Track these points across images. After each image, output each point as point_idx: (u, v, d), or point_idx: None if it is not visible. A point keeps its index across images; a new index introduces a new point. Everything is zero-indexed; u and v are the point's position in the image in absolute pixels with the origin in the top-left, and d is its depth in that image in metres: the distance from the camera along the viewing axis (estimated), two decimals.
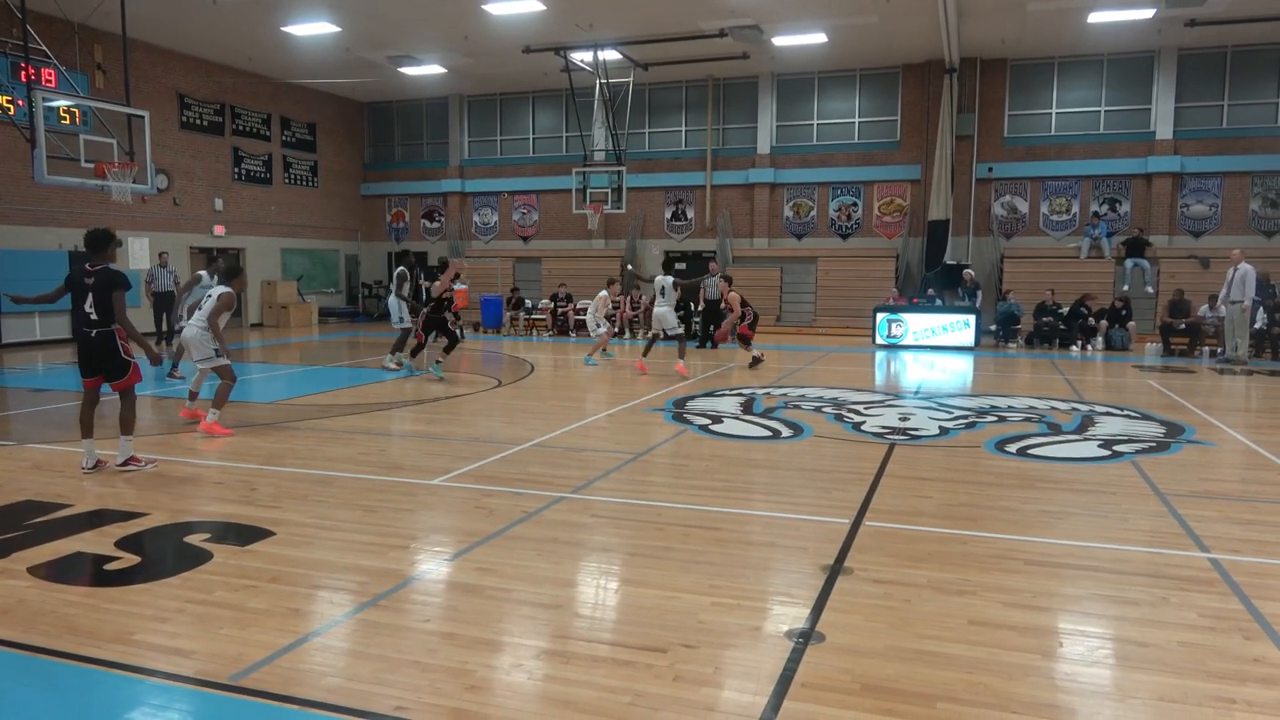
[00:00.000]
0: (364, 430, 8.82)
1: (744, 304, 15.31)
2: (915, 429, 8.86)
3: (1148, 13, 17.80)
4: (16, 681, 3.50)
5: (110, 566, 4.76)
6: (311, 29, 19.30)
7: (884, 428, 8.89)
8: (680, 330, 14.20)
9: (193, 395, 9.47)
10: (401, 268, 14.53)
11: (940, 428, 8.93)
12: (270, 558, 4.88)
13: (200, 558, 4.87)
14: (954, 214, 21.69)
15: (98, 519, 5.63)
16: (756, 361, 14.44)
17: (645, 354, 14.26)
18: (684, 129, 24.90)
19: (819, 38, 19.82)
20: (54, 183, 13.54)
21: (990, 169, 22.00)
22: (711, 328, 17.80)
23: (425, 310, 13.01)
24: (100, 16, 16.54)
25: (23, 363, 15.24)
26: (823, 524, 5.56)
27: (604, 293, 15.77)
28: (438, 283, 12.79)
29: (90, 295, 6.76)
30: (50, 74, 15.16)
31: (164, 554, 5.04)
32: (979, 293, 19.65)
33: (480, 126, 27.08)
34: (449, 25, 19.18)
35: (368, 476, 6.80)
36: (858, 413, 9.79)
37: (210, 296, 8.91)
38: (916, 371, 14.63)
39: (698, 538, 5.26)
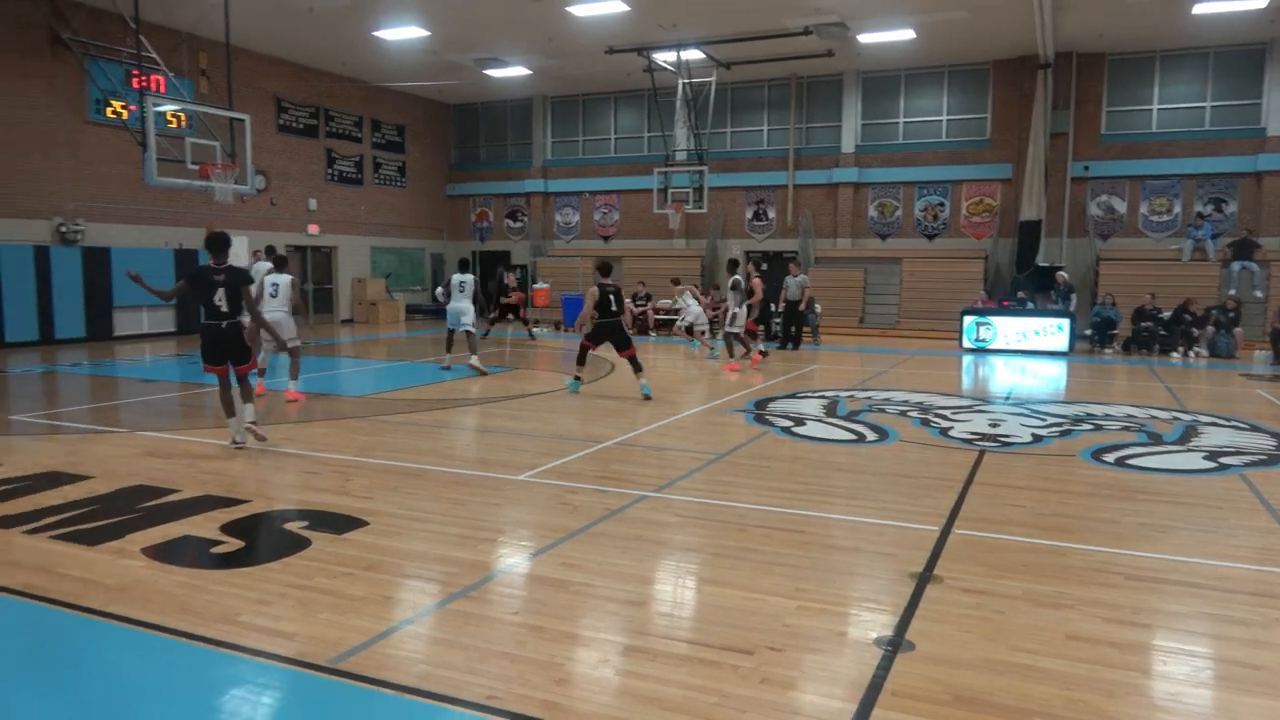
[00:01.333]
0: (450, 425, 9.02)
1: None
2: (1006, 436, 8.62)
3: (1259, 3, 16.93)
4: (133, 656, 3.70)
5: (216, 550, 4.99)
6: (401, 33, 19.82)
7: (973, 434, 8.68)
8: (736, 330, 14.30)
9: (261, 372, 10.60)
10: (469, 275, 14.18)
11: (1033, 435, 8.67)
12: (365, 546, 5.04)
13: (299, 544, 5.06)
14: (1047, 214, 21.02)
15: (204, 504, 5.90)
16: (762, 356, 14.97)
17: (732, 354, 14.43)
18: (766, 128, 24.73)
19: (906, 34, 19.45)
20: (163, 184, 14.24)
21: (1086, 168, 21.24)
22: (793, 329, 17.67)
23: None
24: (205, 25, 17.30)
25: (132, 354, 16.04)
26: (910, 530, 5.47)
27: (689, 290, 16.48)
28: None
29: (221, 290, 7.48)
30: (160, 80, 15.94)
31: (266, 540, 5.25)
32: (1073, 296, 18.98)
33: (563, 127, 27.39)
34: (534, 27, 19.46)
35: (456, 470, 6.96)
36: (945, 418, 9.57)
37: (279, 284, 10.34)
38: (1007, 376, 14.23)
39: (780, 540, 5.23)
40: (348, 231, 25.08)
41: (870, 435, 8.57)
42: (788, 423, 9.22)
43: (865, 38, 19.80)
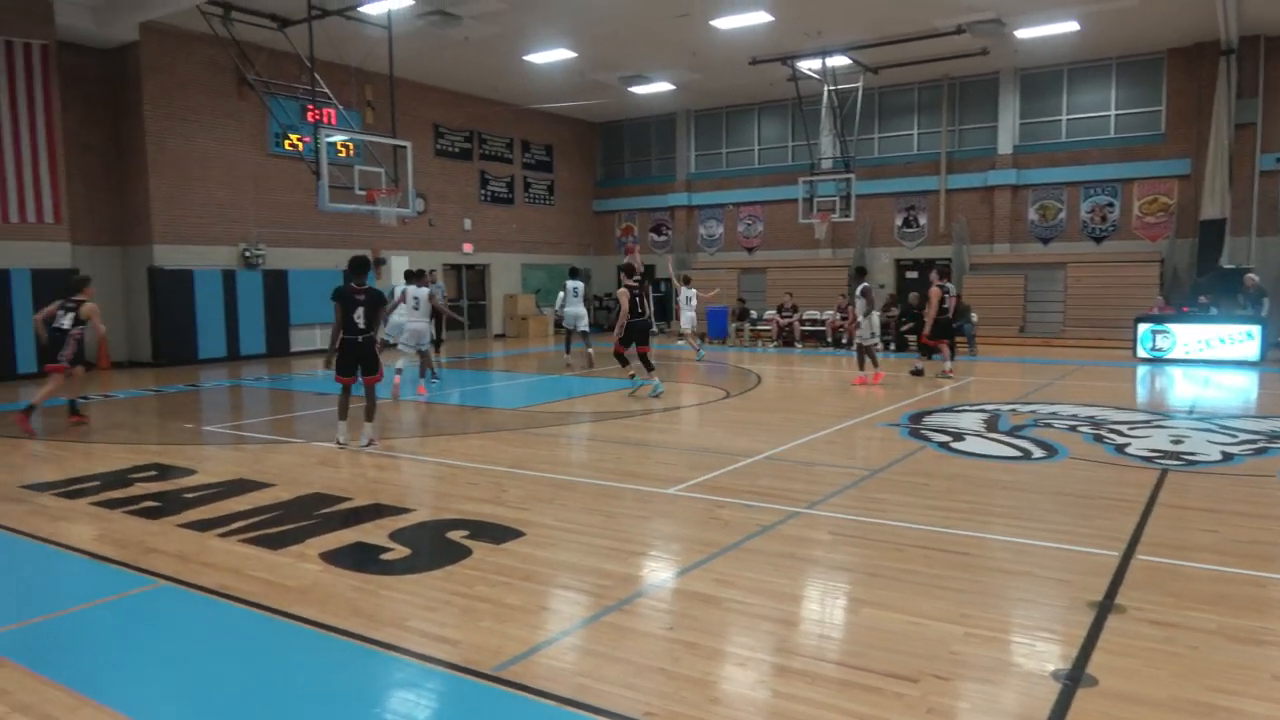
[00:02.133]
0: (600, 438, 9.16)
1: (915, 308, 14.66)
2: (1191, 453, 7.95)
3: None
4: (314, 655, 3.93)
5: (386, 556, 5.25)
6: (550, 56, 20.42)
7: (1153, 451, 8.05)
8: (873, 342, 13.67)
9: (399, 372, 12.15)
10: (579, 280, 15.76)
11: (1222, 453, 7.95)
12: (522, 556, 5.18)
13: (461, 553, 5.25)
14: (1232, 211, 19.33)
15: (374, 512, 6.23)
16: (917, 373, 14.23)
17: (861, 367, 13.57)
18: (916, 132, 23.96)
19: (1069, 26, 18.39)
20: (334, 209, 15.20)
21: (1279, 159, 19.40)
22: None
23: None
24: (372, 60, 18.40)
25: (307, 369, 17.19)
26: (1086, 555, 5.11)
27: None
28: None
29: (361, 309, 8.30)
30: (331, 113, 17.07)
31: (430, 548, 5.47)
32: (1265, 300, 17.33)
33: (706, 140, 27.48)
34: (678, 43, 19.63)
35: (606, 483, 7.06)
36: (1120, 433, 8.93)
37: (419, 297, 11.99)
38: (1188, 389, 13.16)
39: (942, 562, 5.00)
40: (499, 249, 26.02)
41: (1037, 452, 8.10)
42: (945, 438, 8.84)
43: (1023, 33, 18.86)
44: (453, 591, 4.60)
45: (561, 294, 16.34)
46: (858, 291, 13.46)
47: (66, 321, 10.28)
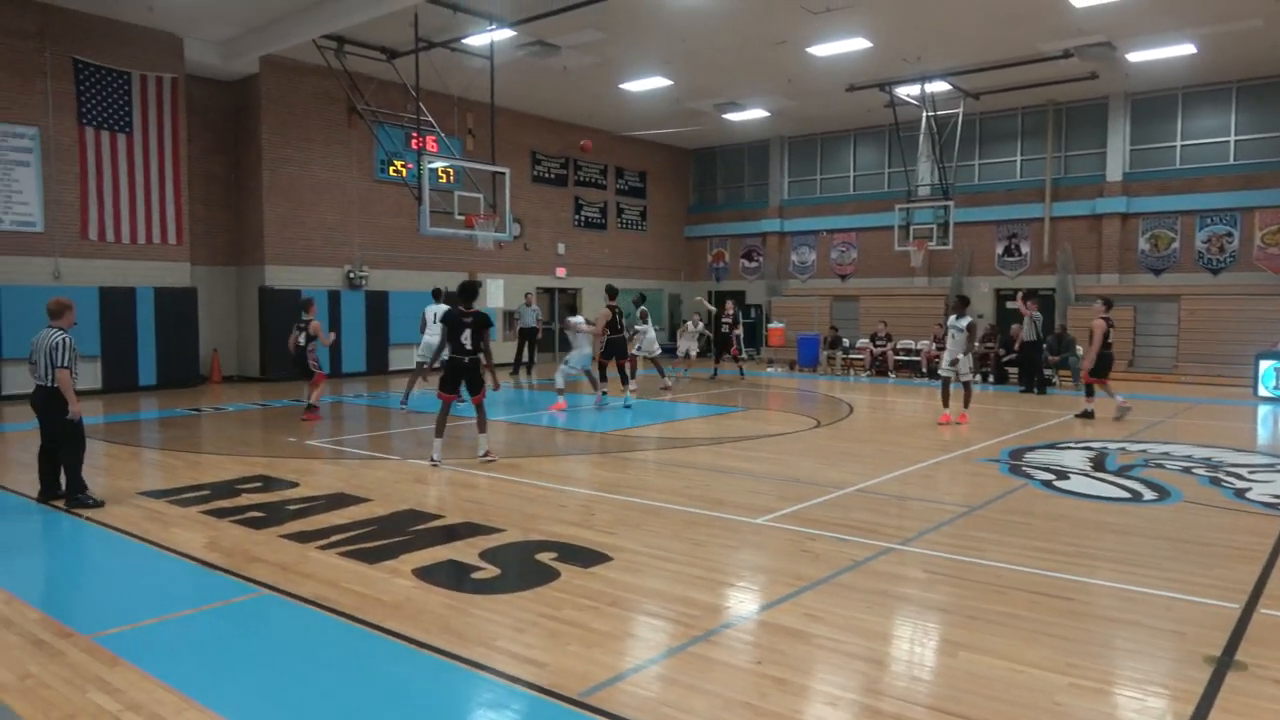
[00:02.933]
0: (687, 464, 9.13)
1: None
2: None
3: None
4: (405, 669, 4.00)
5: (476, 575, 5.32)
6: (646, 84, 20.68)
7: (1276, 497, 7.55)
8: (967, 376, 12.61)
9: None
10: (644, 307, 17.14)
11: None
12: (609, 581, 5.18)
13: (549, 575, 5.29)
14: None
15: (465, 531, 6.34)
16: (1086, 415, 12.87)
17: (946, 403, 12.44)
18: (1019, 158, 23.29)
19: (1185, 49, 17.64)
20: (434, 233, 15.68)
21: None
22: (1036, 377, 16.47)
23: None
24: (474, 89, 18.98)
25: (404, 388, 17.64)
26: (1202, 606, 4.81)
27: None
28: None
29: (469, 331, 8.74)
30: (433, 140, 17.67)
31: (519, 568, 5.53)
32: None
33: (800, 166, 27.31)
34: (773, 70, 19.62)
35: (694, 510, 7.01)
36: (1240, 477, 8.41)
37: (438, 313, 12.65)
38: None
39: (1046, 607, 4.78)
40: (591, 274, 26.34)
41: (1148, 494, 7.69)
42: (1049, 475, 8.48)
43: (1135, 56, 18.18)
44: (540, 613, 4.63)
45: (639, 325, 17.22)
46: (963, 325, 12.31)
47: (302, 339, 12.74)
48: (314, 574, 5.33)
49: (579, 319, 14.64)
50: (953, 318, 12.60)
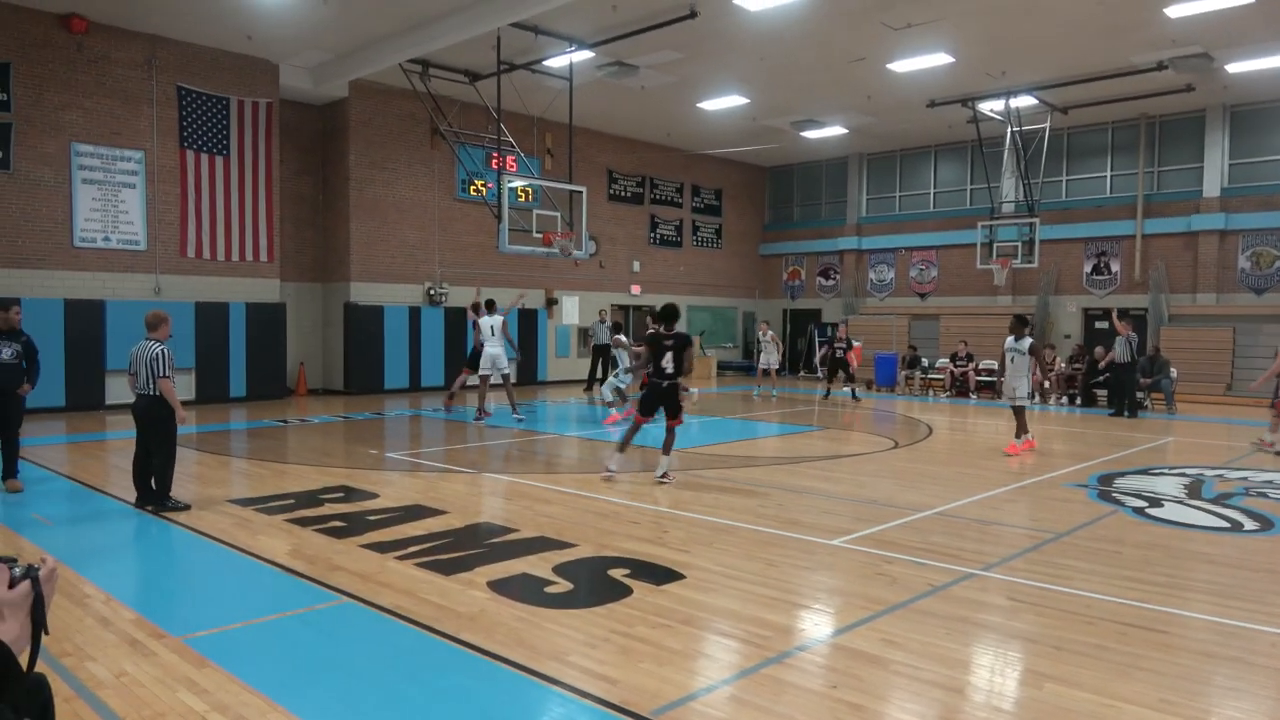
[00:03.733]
0: (762, 483, 9.04)
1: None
2: None
3: None
4: (480, 680, 4.04)
5: (549, 589, 5.35)
6: (723, 103, 20.71)
7: None
8: (1024, 401, 11.61)
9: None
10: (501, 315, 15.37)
11: None
12: (682, 599, 5.15)
13: (621, 591, 5.29)
14: None
15: (539, 545, 6.39)
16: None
17: (1019, 433, 11.50)
18: (1109, 174, 22.52)
19: None
20: (512, 251, 15.94)
21: None
22: (1127, 400, 15.79)
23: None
24: (553, 110, 19.34)
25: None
26: None
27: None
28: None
29: (669, 354, 8.87)
30: (513, 160, 18.02)
31: (592, 584, 5.54)
32: None
33: (879, 183, 26.95)
34: (852, 87, 19.43)
35: (767, 530, 6.94)
36: None
37: (494, 325, 13.23)
38: None
39: (1137, 639, 4.57)
40: (666, 291, 26.38)
41: (1249, 524, 7.30)
42: (1141, 503, 8.13)
43: (1235, 67, 17.43)
44: (612, 630, 4.63)
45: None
46: (1024, 347, 11.51)
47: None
48: (392, 583, 5.44)
49: (621, 337, 15.71)
50: (1011, 339, 11.75)
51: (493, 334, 14.33)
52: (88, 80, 15.34)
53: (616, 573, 5.69)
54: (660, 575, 5.63)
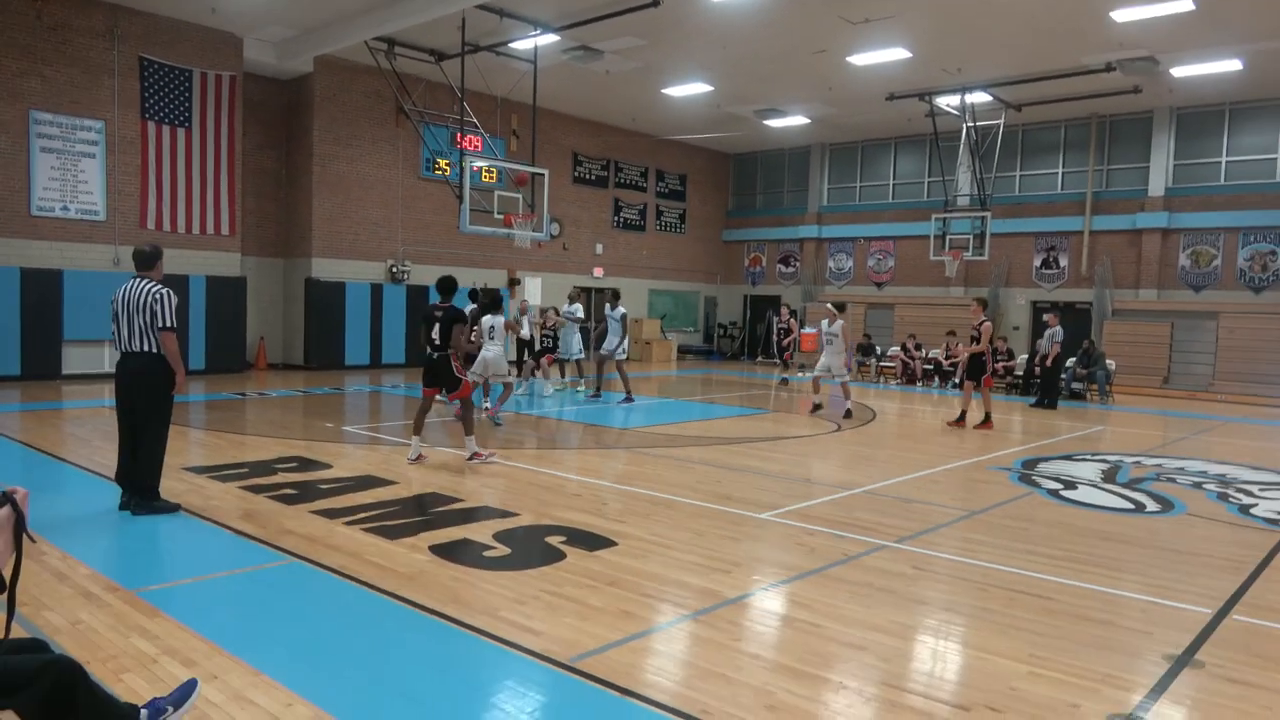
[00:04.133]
0: (703, 461, 9.43)
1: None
2: None
3: None
4: (413, 632, 4.37)
5: (487, 554, 5.69)
6: (688, 89, 20.99)
7: (1279, 513, 7.65)
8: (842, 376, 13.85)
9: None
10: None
11: None
12: (611, 564, 5.51)
13: (555, 556, 5.64)
14: None
15: (482, 514, 6.72)
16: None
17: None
18: (1060, 171, 23.18)
19: (1232, 65, 17.49)
20: (473, 231, 16.16)
21: None
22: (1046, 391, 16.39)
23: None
24: (518, 91, 19.49)
25: None
26: (1177, 610, 5.01)
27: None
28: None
29: (438, 326, 8.88)
30: (477, 141, 18.17)
31: (528, 549, 5.89)
32: None
33: (840, 173, 27.42)
34: (814, 78, 19.81)
35: (702, 504, 7.32)
36: (1249, 493, 8.49)
37: (495, 325, 11.27)
38: None
39: (1024, 604, 5.01)
40: (628, 274, 26.72)
41: (1151, 505, 7.83)
42: (1056, 485, 8.64)
43: (1180, 71, 18.06)
44: (542, 589, 4.98)
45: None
46: (837, 330, 13.57)
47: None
48: (339, 546, 5.74)
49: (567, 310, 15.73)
50: (825, 323, 13.86)
51: (491, 335, 11.77)
52: (47, 48, 15.26)
53: (553, 539, 6.04)
54: (594, 542, 5.99)
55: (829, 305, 14.36)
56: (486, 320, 11.38)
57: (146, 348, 6.22)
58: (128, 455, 6.45)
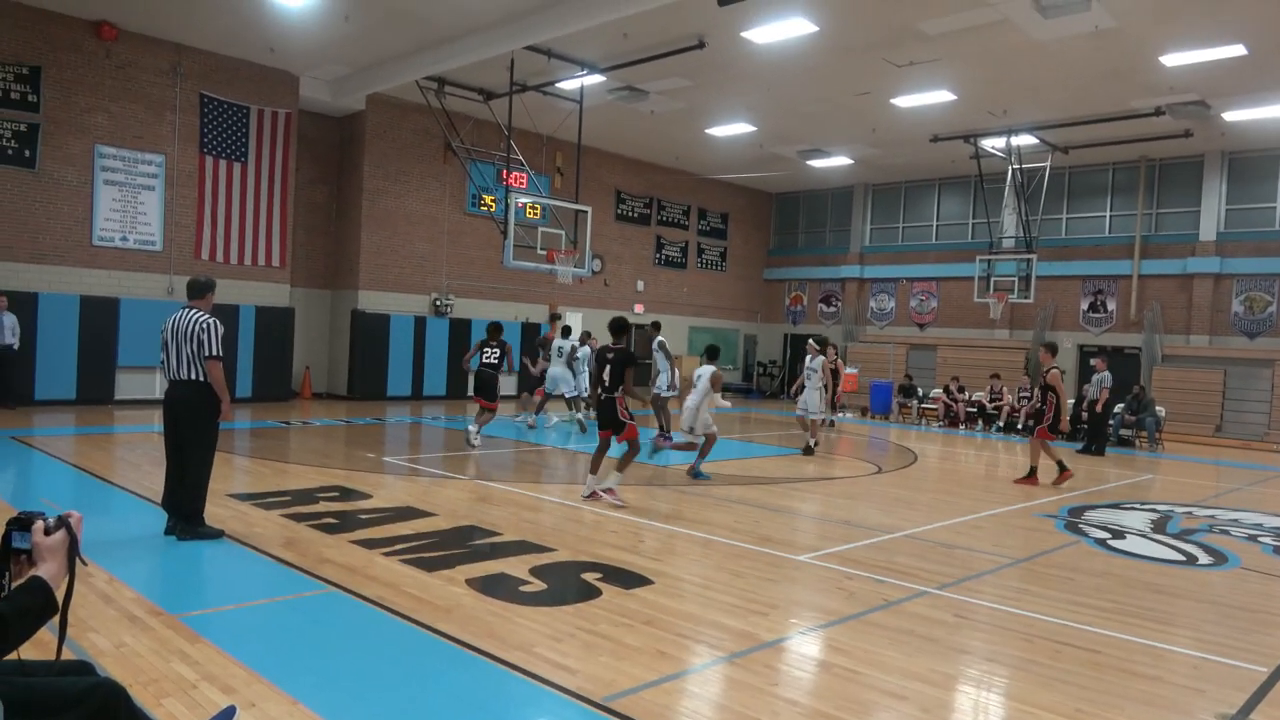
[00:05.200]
0: (743, 500, 9.36)
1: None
2: None
3: None
4: (449, 666, 4.38)
5: (524, 589, 5.69)
6: (731, 130, 21.17)
7: None
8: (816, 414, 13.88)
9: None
10: (573, 341, 15.43)
11: None
12: (647, 603, 5.48)
13: (592, 593, 5.62)
14: None
15: (519, 548, 6.73)
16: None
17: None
18: (1108, 214, 22.89)
19: None
20: (517, 267, 16.36)
21: None
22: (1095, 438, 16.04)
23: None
24: (564, 129, 19.82)
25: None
26: (1230, 667, 4.84)
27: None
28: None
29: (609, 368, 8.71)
30: (523, 177, 18.44)
31: (564, 585, 5.88)
32: None
33: (883, 213, 27.35)
34: (858, 119, 19.87)
35: (741, 544, 7.26)
36: None
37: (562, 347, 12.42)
38: None
39: (1070, 657, 4.88)
40: (669, 311, 26.78)
41: (1204, 558, 7.60)
42: (1104, 535, 8.43)
43: (1232, 115, 17.81)
44: (578, 626, 4.96)
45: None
46: (816, 365, 13.76)
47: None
48: (377, 577, 5.78)
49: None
50: (807, 358, 13.98)
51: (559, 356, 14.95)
52: (114, 85, 15.88)
53: (589, 576, 6.03)
54: (630, 580, 5.96)
55: (811, 341, 14.53)
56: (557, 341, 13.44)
57: (194, 375, 6.36)
58: (174, 480, 6.57)
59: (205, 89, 16.97)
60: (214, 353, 6.34)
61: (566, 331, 15.37)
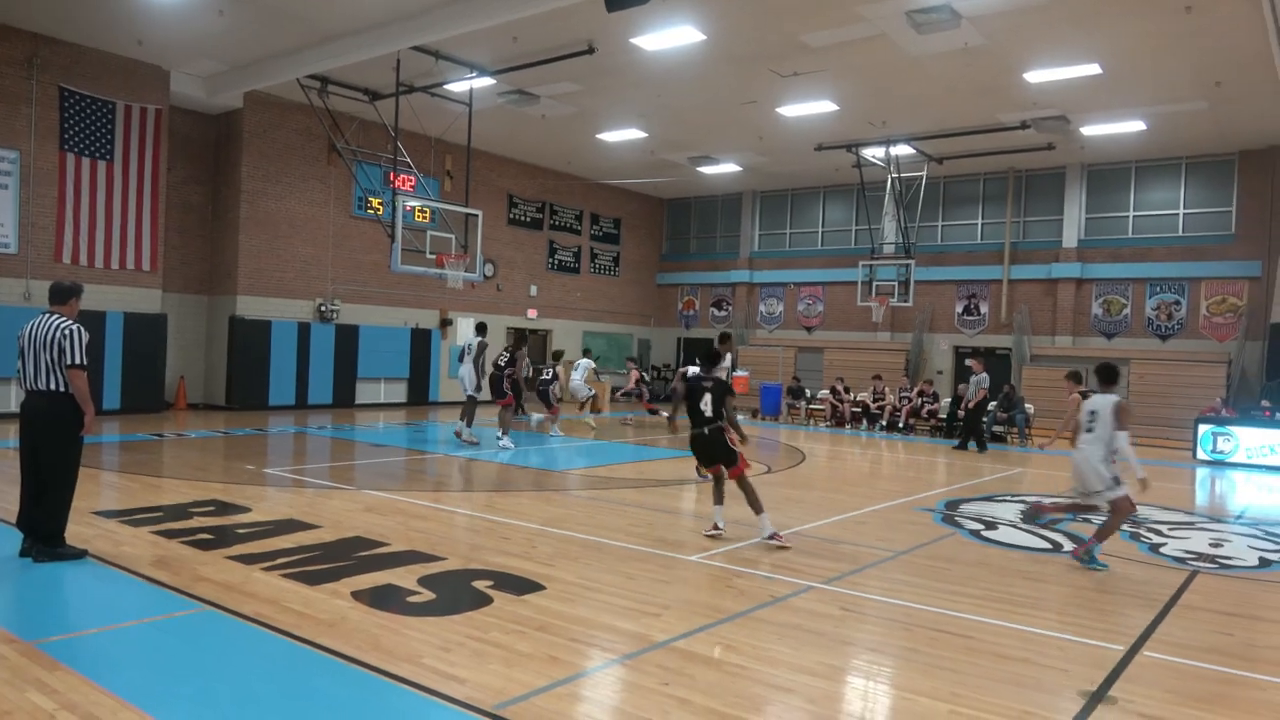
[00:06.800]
0: (636, 503, 9.40)
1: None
2: (1228, 557, 7.84)
3: None
4: (333, 681, 4.23)
5: (412, 599, 5.56)
6: (622, 135, 21.29)
7: (1188, 552, 7.96)
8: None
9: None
10: (481, 339, 14.28)
11: (1260, 559, 7.82)
12: (539, 609, 5.44)
13: (482, 601, 5.54)
14: None
15: (408, 558, 6.57)
16: None
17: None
18: (980, 221, 24.09)
19: (1136, 125, 18.50)
20: (405, 271, 16.01)
21: None
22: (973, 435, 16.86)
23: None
24: (453, 132, 19.51)
25: (368, 421, 17.84)
26: (1092, 647, 5.15)
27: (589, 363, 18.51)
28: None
29: (708, 395, 7.76)
30: (411, 180, 18.08)
31: (454, 594, 5.77)
32: None
33: (771, 220, 28.02)
34: (745, 128, 20.30)
35: (633, 546, 7.29)
36: (1159, 533, 8.83)
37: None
38: (1246, 494, 12.82)
39: (946, 644, 5.10)
40: (563, 316, 26.74)
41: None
42: (978, 526, 8.85)
43: (1090, 130, 19.03)
44: (468, 635, 4.88)
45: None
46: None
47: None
48: (256, 593, 5.54)
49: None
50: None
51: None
52: None
53: (480, 584, 5.94)
54: (522, 586, 5.91)
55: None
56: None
57: (54, 386, 5.97)
58: (30, 499, 6.16)
59: (65, 82, 15.95)
60: (77, 361, 5.95)
61: (481, 329, 14.44)
